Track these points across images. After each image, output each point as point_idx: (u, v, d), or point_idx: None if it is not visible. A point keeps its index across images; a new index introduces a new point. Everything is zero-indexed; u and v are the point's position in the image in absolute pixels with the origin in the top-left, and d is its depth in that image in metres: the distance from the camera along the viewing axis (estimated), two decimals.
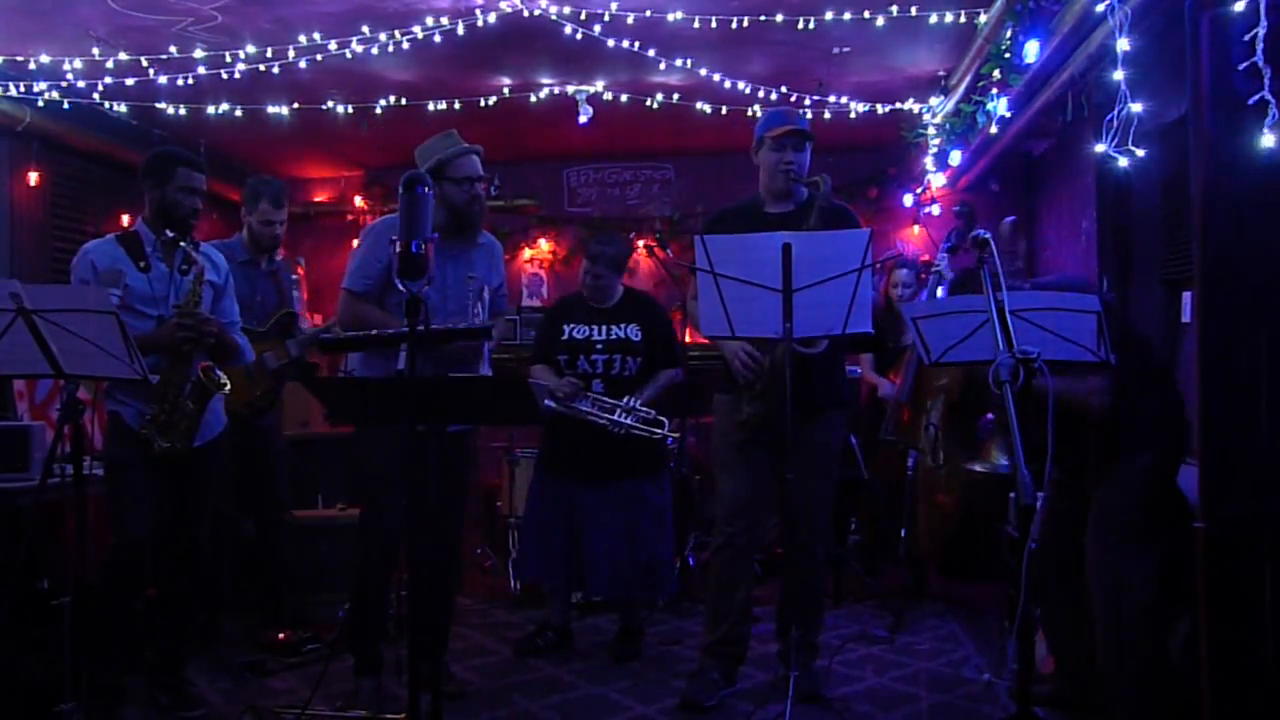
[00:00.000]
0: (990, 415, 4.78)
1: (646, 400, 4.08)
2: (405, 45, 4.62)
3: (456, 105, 5.45)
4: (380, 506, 3.45)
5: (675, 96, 5.44)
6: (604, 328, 4.14)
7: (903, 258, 5.50)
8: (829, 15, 4.37)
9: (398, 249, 2.34)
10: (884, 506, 5.10)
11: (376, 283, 3.46)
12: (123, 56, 4.72)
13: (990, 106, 4.57)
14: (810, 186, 3.42)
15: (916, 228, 6.88)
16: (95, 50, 4.68)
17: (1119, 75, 3.17)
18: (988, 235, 2.62)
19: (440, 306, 3.38)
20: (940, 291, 4.82)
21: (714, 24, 4.41)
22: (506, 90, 5.43)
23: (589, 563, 4.08)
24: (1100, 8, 3.30)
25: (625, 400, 4.04)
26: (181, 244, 3.32)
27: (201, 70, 4.84)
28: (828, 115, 5.53)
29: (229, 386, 3.39)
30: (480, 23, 4.43)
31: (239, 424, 3.94)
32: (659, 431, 4.07)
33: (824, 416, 3.44)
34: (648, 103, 5.45)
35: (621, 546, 4.06)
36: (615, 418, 4.01)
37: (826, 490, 3.52)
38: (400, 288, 2.31)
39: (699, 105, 5.48)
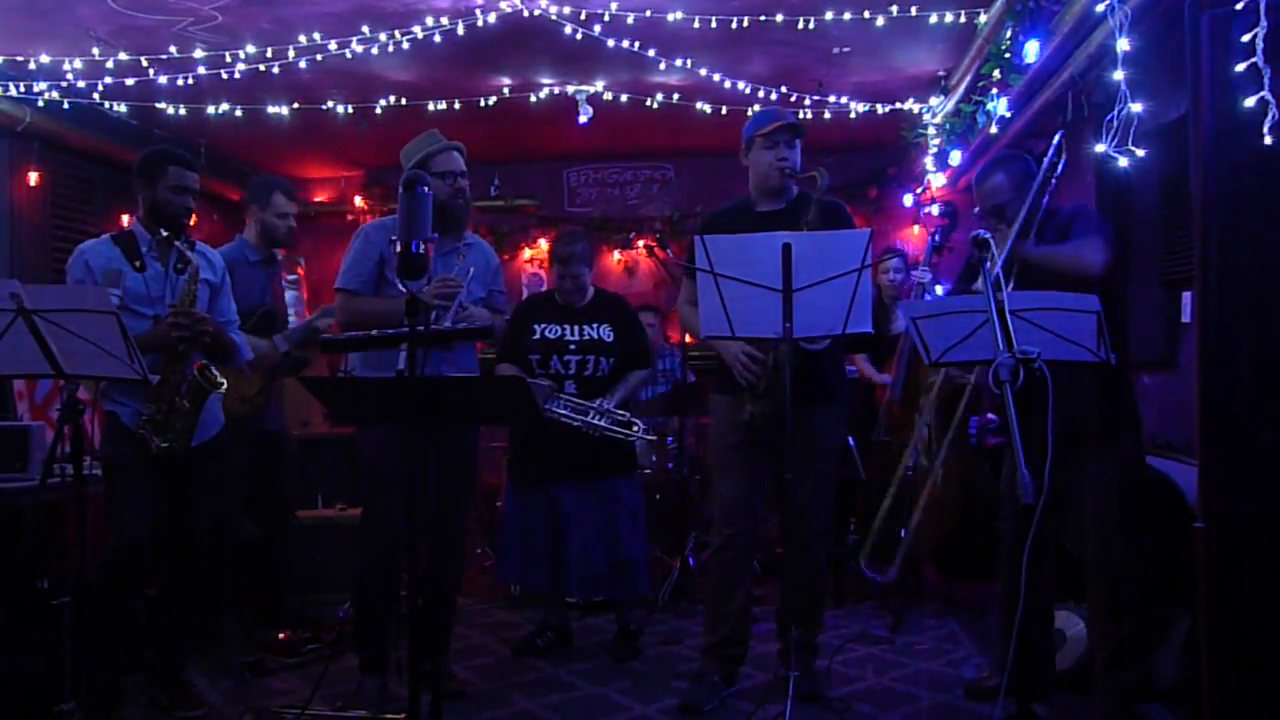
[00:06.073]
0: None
1: (618, 402, 4.06)
2: (405, 45, 4.62)
3: (456, 105, 5.46)
4: (384, 506, 3.44)
5: (675, 96, 5.45)
6: (577, 328, 4.11)
7: (895, 250, 5.52)
8: (829, 15, 4.37)
9: (398, 249, 2.34)
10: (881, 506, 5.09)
11: (369, 280, 3.52)
12: (123, 56, 4.72)
13: (990, 106, 4.57)
14: (807, 181, 3.42)
15: (916, 228, 6.89)
16: (95, 50, 4.68)
17: (1119, 75, 3.18)
18: (988, 235, 2.62)
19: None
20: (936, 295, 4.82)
21: (714, 24, 4.41)
22: (506, 90, 5.43)
23: (566, 563, 4.07)
24: (1100, 8, 3.30)
25: (598, 402, 4.02)
26: (176, 243, 3.31)
27: (201, 70, 4.84)
28: (828, 115, 5.53)
29: (225, 385, 3.39)
30: (480, 23, 4.43)
31: (245, 426, 3.92)
32: (633, 434, 4.04)
33: (825, 410, 3.42)
34: (648, 103, 5.45)
35: (599, 546, 4.05)
36: (589, 419, 3.98)
37: (826, 491, 3.51)
38: (399, 286, 2.31)
39: (699, 105, 5.49)
